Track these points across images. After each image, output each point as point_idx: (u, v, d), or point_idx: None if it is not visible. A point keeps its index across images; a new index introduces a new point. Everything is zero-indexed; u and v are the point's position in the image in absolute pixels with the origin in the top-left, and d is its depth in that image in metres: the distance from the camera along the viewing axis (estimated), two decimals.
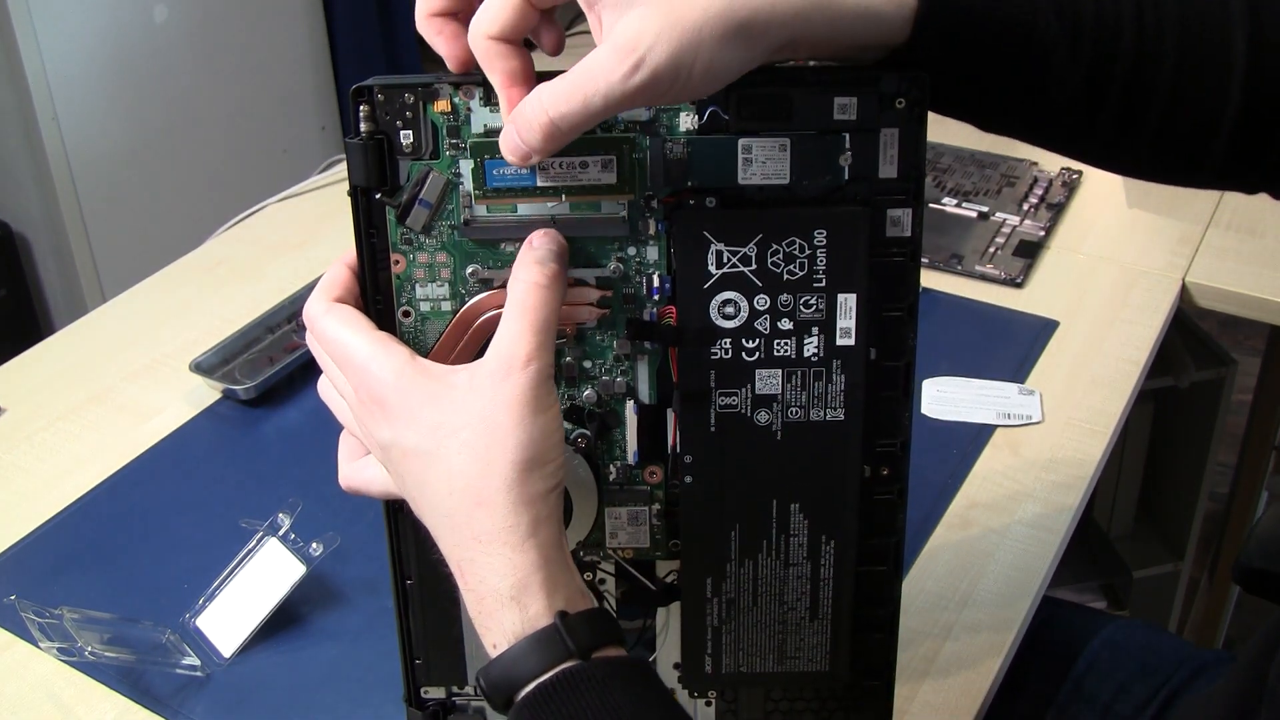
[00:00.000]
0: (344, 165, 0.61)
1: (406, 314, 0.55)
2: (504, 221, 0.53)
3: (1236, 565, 0.88)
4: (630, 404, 0.56)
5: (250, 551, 0.80)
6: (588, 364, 0.56)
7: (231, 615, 0.77)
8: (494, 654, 0.49)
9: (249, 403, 0.98)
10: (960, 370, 0.99)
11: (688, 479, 0.56)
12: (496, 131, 0.50)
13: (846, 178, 0.53)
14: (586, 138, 0.50)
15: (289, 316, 1.07)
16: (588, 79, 0.47)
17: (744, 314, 0.54)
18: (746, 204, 0.53)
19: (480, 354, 0.52)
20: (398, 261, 0.54)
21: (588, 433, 0.56)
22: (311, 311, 0.54)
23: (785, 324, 0.54)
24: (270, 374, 0.99)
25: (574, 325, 0.55)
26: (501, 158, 0.50)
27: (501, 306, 0.53)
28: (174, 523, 0.88)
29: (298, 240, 1.21)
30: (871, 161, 0.53)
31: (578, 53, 0.49)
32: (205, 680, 0.75)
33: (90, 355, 1.06)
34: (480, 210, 0.53)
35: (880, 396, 0.56)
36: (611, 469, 0.57)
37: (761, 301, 0.54)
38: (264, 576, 0.78)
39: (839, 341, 0.54)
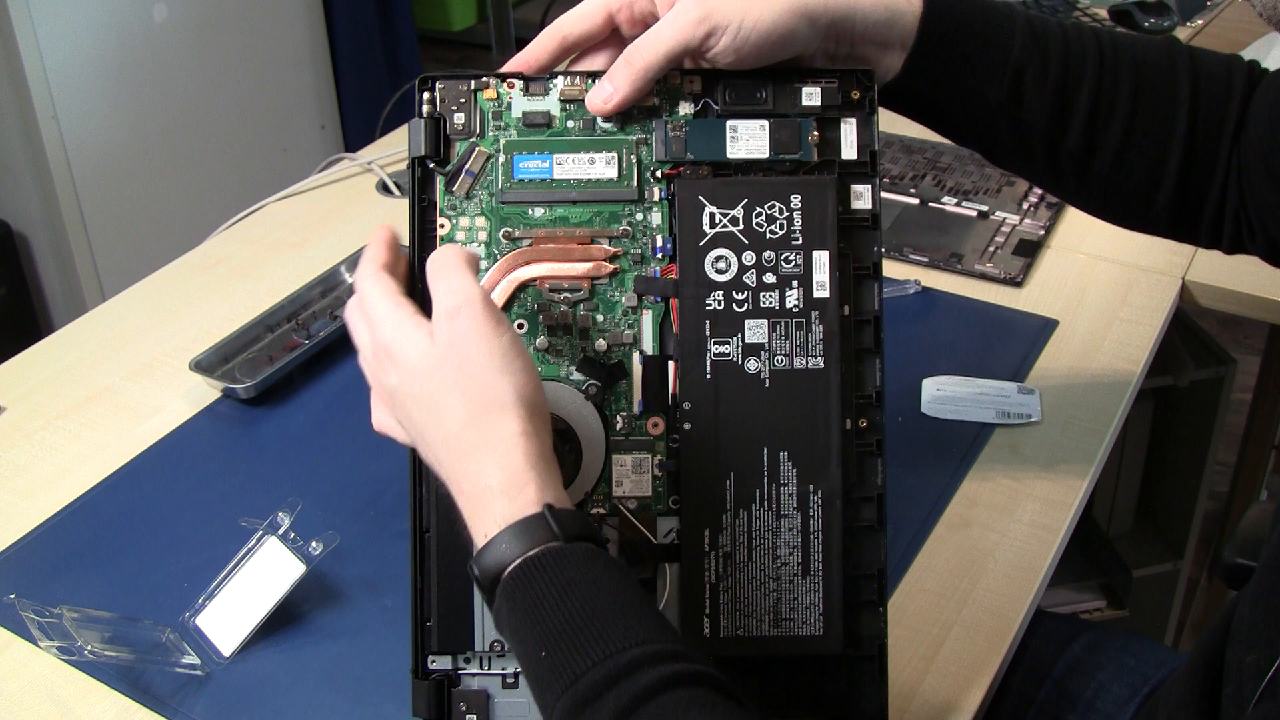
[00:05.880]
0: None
1: None
2: (534, 188, 0.64)
3: (1219, 562, 0.90)
4: (636, 355, 0.63)
5: (250, 550, 0.80)
6: (599, 317, 0.64)
7: (231, 614, 0.77)
8: (483, 543, 0.53)
9: (249, 402, 0.98)
10: (960, 369, 0.99)
11: (686, 425, 0.62)
12: (534, 118, 0.64)
13: (815, 156, 0.64)
14: (592, 138, 0.64)
15: (289, 315, 1.07)
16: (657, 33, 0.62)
17: (734, 269, 0.63)
18: (734, 173, 0.64)
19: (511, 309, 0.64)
20: (443, 225, 0.64)
21: (597, 383, 0.63)
22: (360, 274, 0.61)
23: (769, 278, 0.63)
24: (270, 373, 0.99)
25: (589, 281, 0.63)
26: (528, 153, 0.64)
27: (535, 260, 0.64)
28: (174, 522, 0.88)
29: (297, 239, 1.21)
30: (835, 145, 0.64)
31: None
32: (205, 679, 0.75)
33: (90, 354, 1.06)
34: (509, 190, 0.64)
35: (855, 351, 0.63)
36: (618, 419, 0.63)
37: (749, 258, 0.63)
38: (264, 575, 0.78)
39: (816, 294, 0.63)
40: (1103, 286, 1.10)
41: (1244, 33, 1.52)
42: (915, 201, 1.23)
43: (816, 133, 0.63)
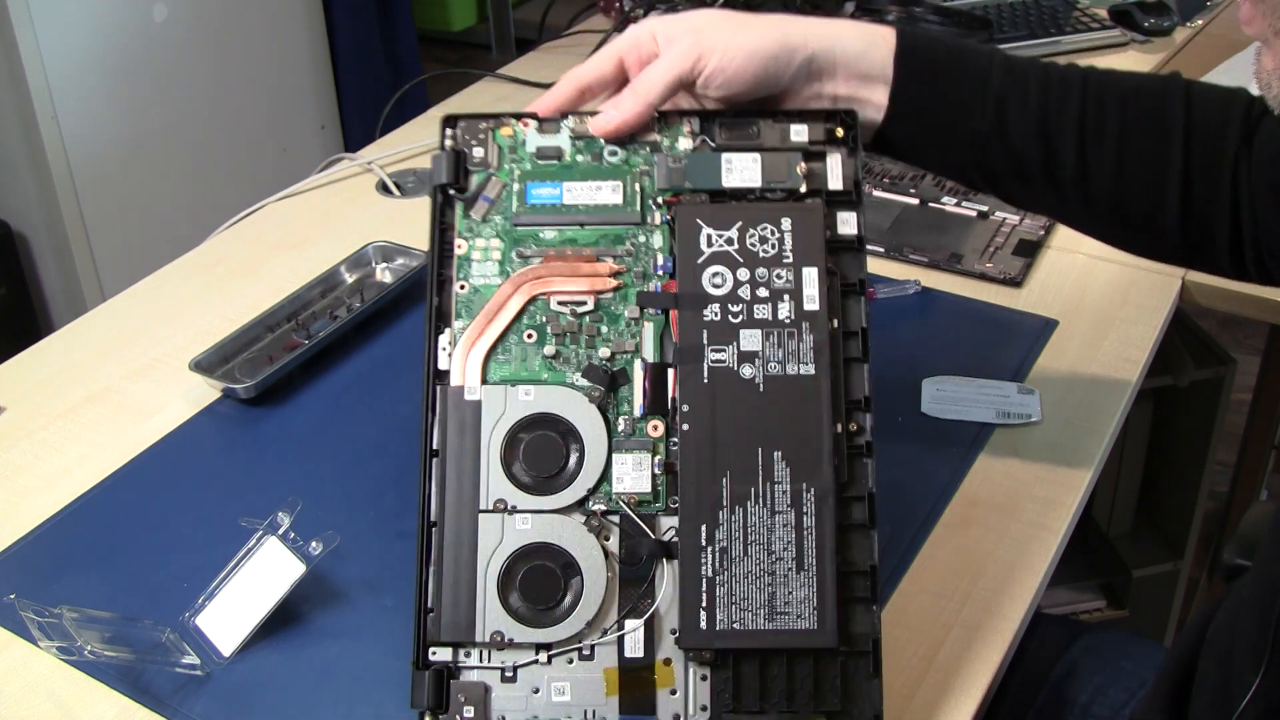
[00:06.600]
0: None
1: (462, 287, 0.68)
2: (545, 212, 0.69)
3: (1220, 562, 0.90)
4: (638, 362, 0.67)
5: (250, 550, 0.80)
6: (604, 327, 0.68)
7: (231, 614, 0.77)
8: None
9: (249, 402, 0.99)
10: (959, 369, 0.99)
11: (685, 427, 0.66)
12: (546, 152, 0.70)
13: (804, 187, 0.69)
14: (599, 169, 0.70)
15: (289, 315, 1.07)
16: (649, 73, 0.69)
17: (729, 284, 0.67)
18: (729, 200, 0.69)
19: None
20: (460, 245, 0.69)
21: (601, 388, 0.67)
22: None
23: (763, 292, 0.67)
24: (270, 373, 0.99)
25: (595, 295, 0.68)
26: (540, 181, 0.70)
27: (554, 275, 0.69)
28: (174, 522, 0.88)
29: (297, 239, 1.21)
30: (822, 176, 0.69)
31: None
32: (205, 679, 0.75)
33: (90, 354, 1.06)
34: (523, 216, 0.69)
35: (844, 361, 0.67)
36: (621, 421, 0.67)
37: (743, 274, 0.67)
38: (264, 575, 0.78)
39: (806, 306, 0.67)
40: (1103, 286, 1.10)
41: (1245, 34, 1.52)
42: (915, 201, 1.23)
43: (804, 164, 0.69)
